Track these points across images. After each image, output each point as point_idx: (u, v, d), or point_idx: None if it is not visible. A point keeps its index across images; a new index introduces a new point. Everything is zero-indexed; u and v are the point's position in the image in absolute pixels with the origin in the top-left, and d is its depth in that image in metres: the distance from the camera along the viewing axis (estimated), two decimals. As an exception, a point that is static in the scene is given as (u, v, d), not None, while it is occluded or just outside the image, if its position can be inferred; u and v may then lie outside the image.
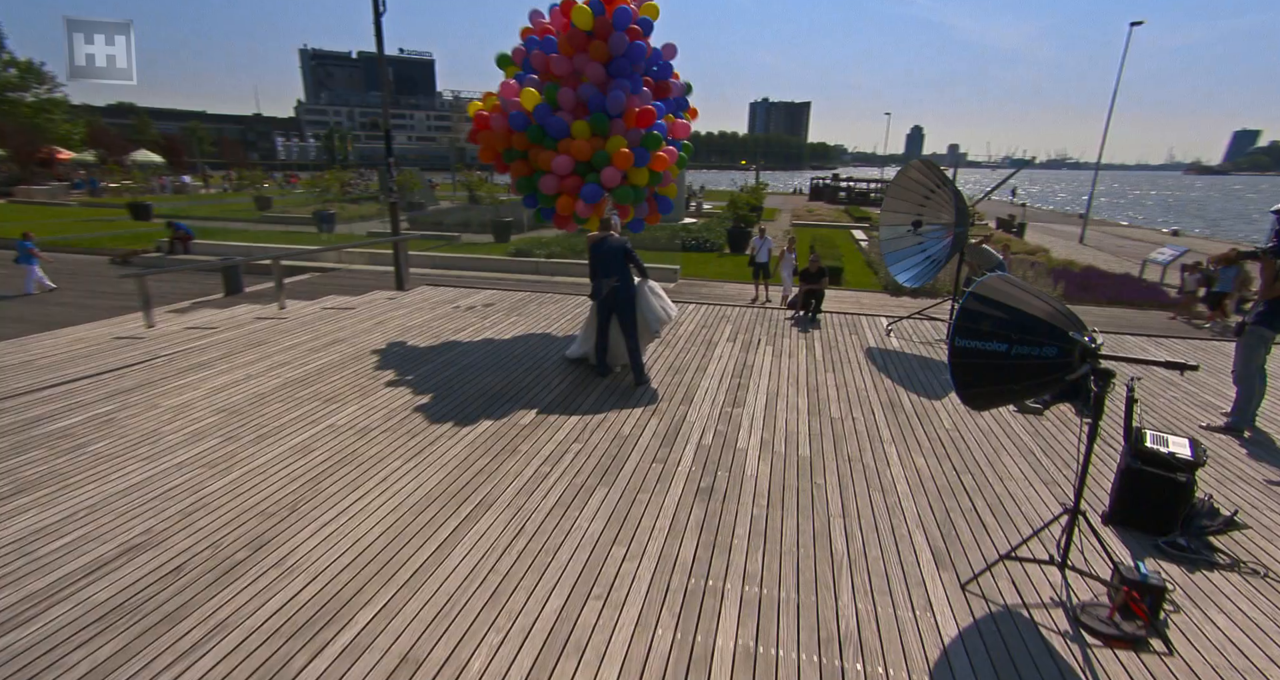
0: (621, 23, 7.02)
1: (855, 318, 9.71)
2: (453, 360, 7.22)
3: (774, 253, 13.61)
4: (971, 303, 3.33)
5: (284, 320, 8.99)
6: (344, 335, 8.14)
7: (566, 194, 7.26)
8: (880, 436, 5.45)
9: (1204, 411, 6.16)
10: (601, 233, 6.50)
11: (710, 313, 9.73)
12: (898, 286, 15.73)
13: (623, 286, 6.35)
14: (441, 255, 17.78)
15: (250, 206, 33.95)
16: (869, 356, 7.77)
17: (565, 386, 6.49)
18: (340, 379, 6.51)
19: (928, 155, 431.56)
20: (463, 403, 5.97)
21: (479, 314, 9.40)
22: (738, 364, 7.31)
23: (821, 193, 52.43)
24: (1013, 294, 3.31)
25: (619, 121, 7.29)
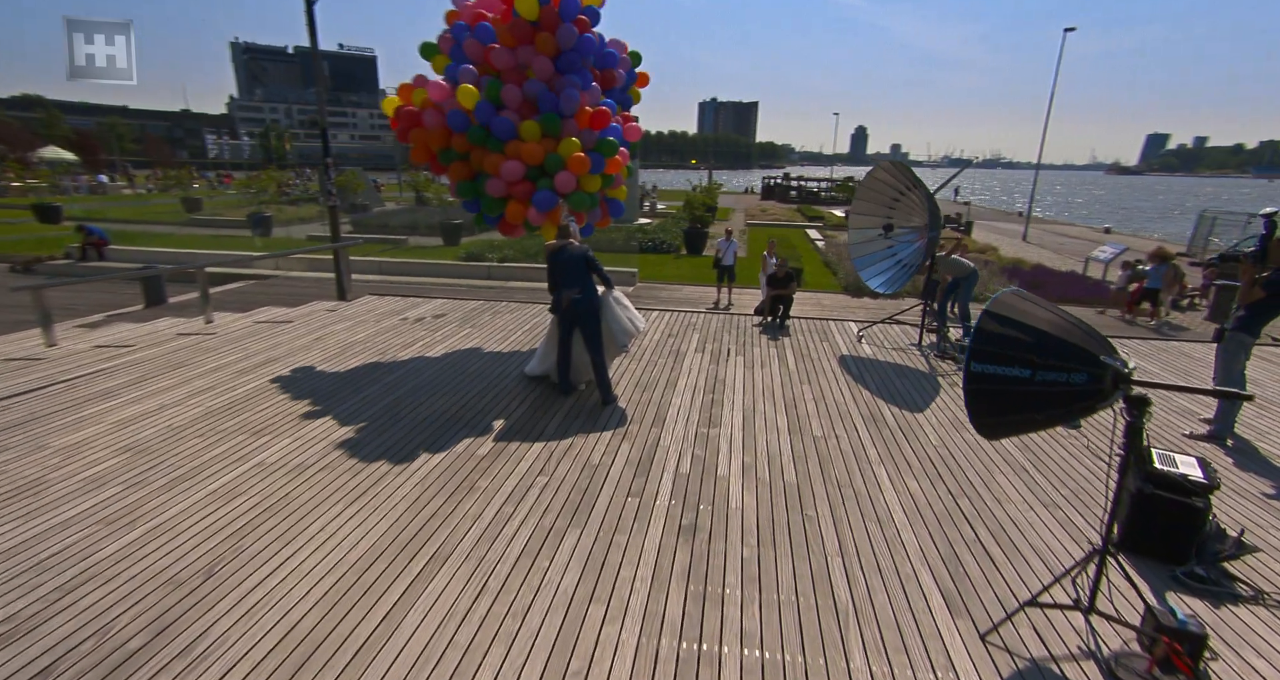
0: (569, 12, 6.54)
1: (824, 324, 9.45)
2: (400, 381, 6.58)
3: (740, 255, 13.32)
4: (988, 323, 2.98)
5: (210, 336, 8.14)
6: (278, 353, 7.38)
7: (516, 200, 6.72)
8: (867, 456, 5.12)
9: (1183, 419, 6.07)
10: (560, 241, 5.99)
11: (675, 320, 9.32)
12: (858, 287, 15.69)
13: (585, 298, 5.86)
14: (388, 260, 16.91)
15: (177, 208, 31.89)
16: (843, 365, 7.48)
17: (526, 409, 5.95)
18: (272, 406, 5.80)
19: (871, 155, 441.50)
20: (412, 431, 5.37)
21: (428, 326, 8.74)
22: (709, 377, 6.91)
23: (773, 192, 52.92)
24: (1033, 313, 2.98)
25: (571, 122, 6.81)
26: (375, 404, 5.93)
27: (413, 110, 6.84)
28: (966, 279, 8.01)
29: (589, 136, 7.01)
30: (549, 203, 6.64)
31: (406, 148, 7.09)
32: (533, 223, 6.77)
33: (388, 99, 7.07)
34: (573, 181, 6.70)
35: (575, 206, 6.80)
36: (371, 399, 6.05)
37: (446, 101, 6.68)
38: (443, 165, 6.97)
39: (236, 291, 13.53)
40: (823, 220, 33.30)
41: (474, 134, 6.59)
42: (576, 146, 6.70)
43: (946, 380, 7.05)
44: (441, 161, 6.93)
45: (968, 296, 8.10)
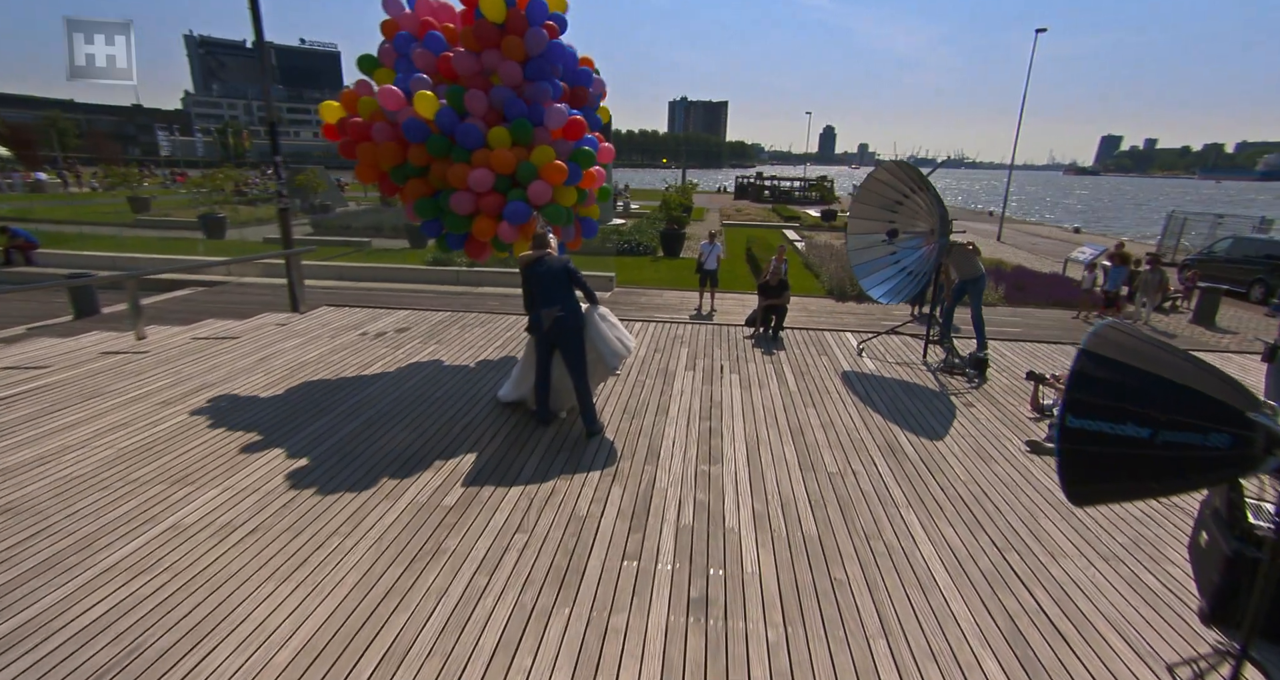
0: (537, 16, 5.96)
1: (819, 334, 8.87)
2: (355, 410, 5.77)
3: (722, 257, 12.70)
4: (1089, 366, 2.35)
5: (141, 356, 7.20)
6: (215, 377, 6.49)
7: (485, 215, 6.00)
8: (892, 498, 4.50)
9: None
10: (536, 251, 5.26)
11: (661, 332, 8.64)
12: (843, 291, 15.22)
13: (568, 316, 5.14)
14: (349, 265, 15.91)
15: (124, 208, 30.12)
16: (847, 383, 6.89)
17: (500, 442, 5.21)
18: (200, 446, 4.96)
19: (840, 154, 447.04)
20: (367, 474, 4.59)
21: (390, 342, 7.91)
22: (704, 400, 6.24)
23: (746, 192, 52.65)
24: (1148, 353, 2.36)
25: (543, 130, 6.16)
26: (324, 441, 5.12)
27: (360, 122, 6.07)
28: (975, 283, 7.48)
29: (563, 146, 6.39)
30: (522, 215, 5.93)
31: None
32: (504, 239, 6.05)
33: (327, 105, 6.28)
34: (548, 192, 6.02)
35: (551, 220, 6.12)
36: (320, 434, 5.23)
37: (400, 111, 5.95)
38: (396, 184, 6.23)
39: (181, 301, 12.46)
40: (799, 220, 32.99)
41: (435, 144, 5.89)
42: (551, 154, 6.05)
43: (960, 400, 6.50)
44: (395, 180, 6.19)
45: (978, 303, 7.58)
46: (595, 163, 6.72)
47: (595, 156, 6.71)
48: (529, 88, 6.19)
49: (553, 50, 6.27)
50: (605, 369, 5.29)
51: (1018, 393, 6.73)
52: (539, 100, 6.17)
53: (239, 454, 4.83)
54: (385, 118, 6.14)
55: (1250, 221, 23.25)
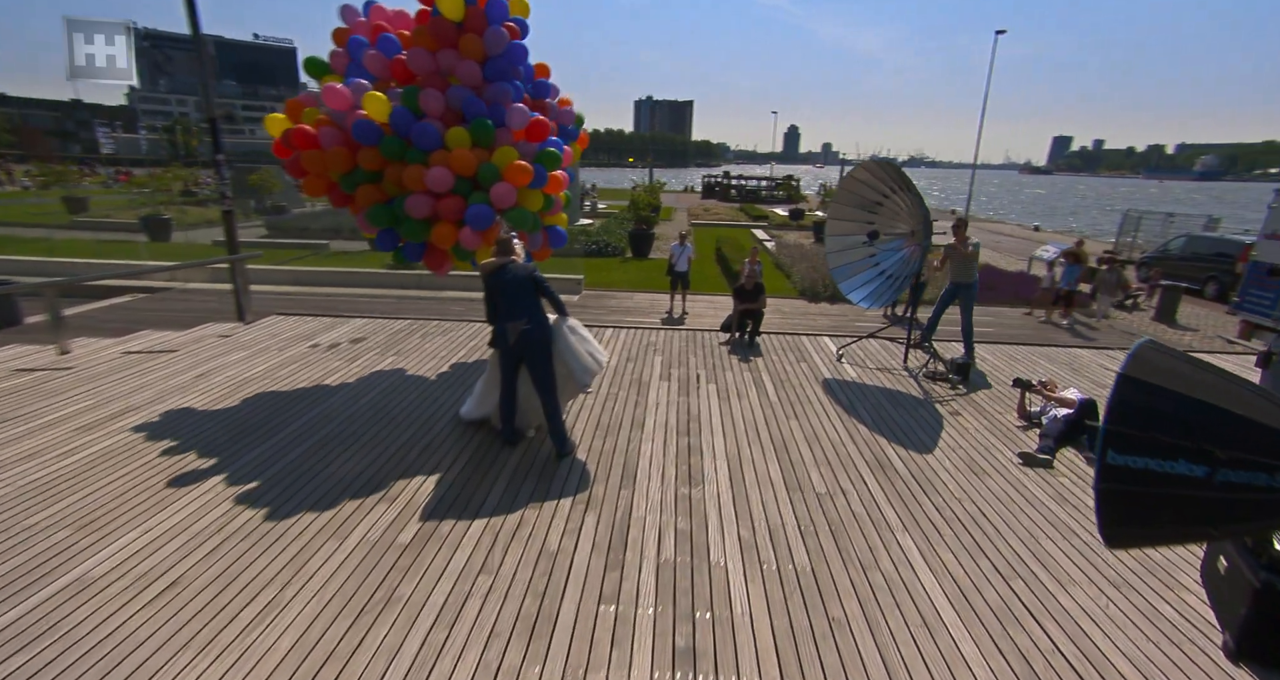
0: (497, 15, 5.60)
1: (796, 339, 8.60)
2: (303, 432, 5.27)
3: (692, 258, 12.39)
4: (1131, 392, 2.07)
5: (62, 373, 6.53)
6: (145, 397, 5.90)
7: (445, 220, 5.57)
8: (886, 521, 4.20)
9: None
10: (500, 258, 4.84)
11: (633, 339, 8.27)
12: (815, 292, 15.07)
13: (535, 329, 4.73)
14: (305, 270, 15.14)
15: (59, 209, 28.46)
16: (828, 392, 6.61)
17: (462, 467, 4.77)
18: (120, 480, 4.40)
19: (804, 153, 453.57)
20: (313, 509, 4.11)
21: (344, 354, 7.37)
22: (681, 413, 5.89)
23: (714, 191, 52.62)
24: (1197, 377, 2.08)
25: (505, 131, 5.78)
26: (266, 469, 4.61)
27: (306, 130, 5.59)
28: (969, 288, 7.29)
29: (527, 148, 6.02)
30: (484, 219, 5.52)
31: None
32: (466, 246, 5.63)
33: (272, 118, 5.81)
34: (512, 195, 5.63)
35: (516, 224, 5.73)
36: (261, 462, 4.72)
37: (348, 112, 5.49)
38: (347, 194, 5.75)
39: (117, 309, 11.60)
40: (767, 220, 32.98)
41: (389, 146, 5.46)
42: (514, 155, 5.67)
43: (945, 408, 6.28)
44: (345, 188, 5.71)
45: (970, 308, 7.39)
46: (561, 165, 6.37)
47: (561, 159, 6.35)
48: (489, 88, 5.82)
49: (514, 51, 5.91)
50: (575, 386, 4.90)
51: (1003, 400, 6.55)
52: (500, 101, 5.80)
53: (164, 489, 4.29)
54: (333, 122, 5.66)
55: (1200, 220, 23.94)
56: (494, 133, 5.74)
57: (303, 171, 5.70)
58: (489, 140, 5.73)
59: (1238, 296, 12.08)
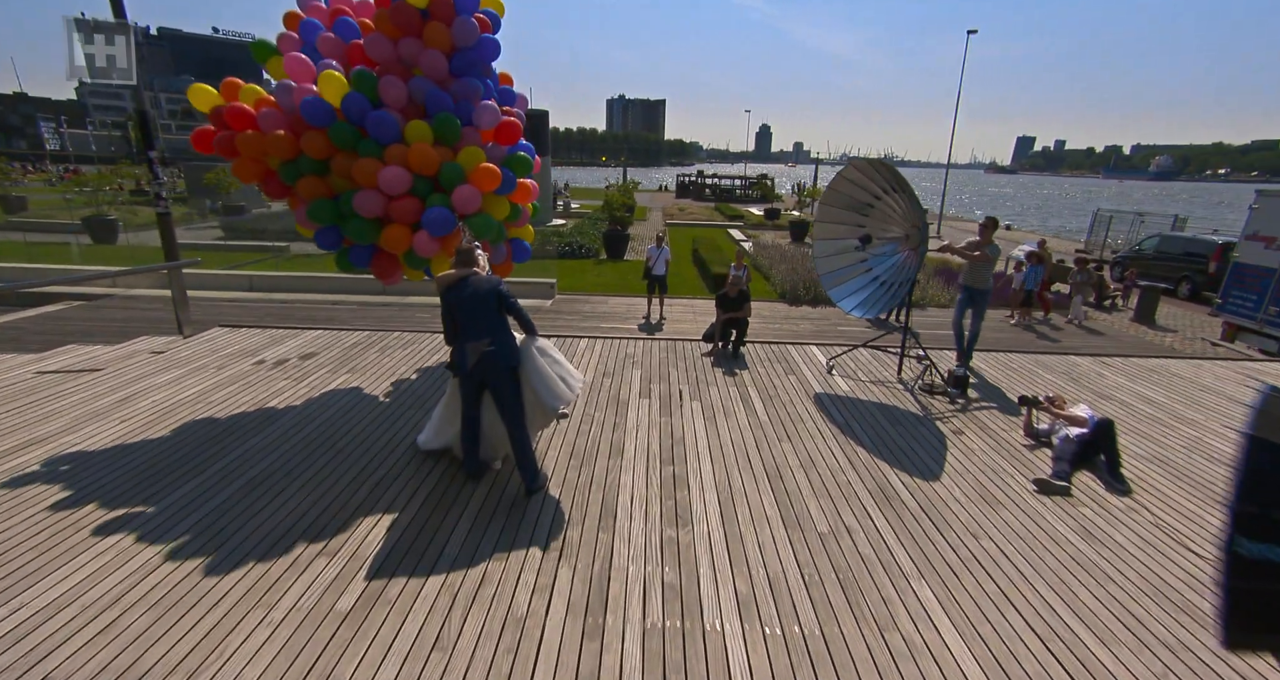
0: (467, 5, 5.05)
1: (781, 349, 8.14)
2: (237, 466, 4.62)
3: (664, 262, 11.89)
4: (1266, 459, 1.60)
5: (-36, 398, 5.77)
6: (53, 427, 5.18)
7: (397, 222, 4.99)
8: (899, 566, 3.74)
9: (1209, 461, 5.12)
10: (461, 270, 4.26)
11: (609, 351, 7.73)
12: (794, 295, 14.70)
13: (499, 351, 4.16)
14: (260, 274, 14.29)
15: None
16: (821, 408, 6.16)
17: (418, 507, 4.19)
18: (6, 532, 3.73)
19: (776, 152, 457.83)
20: (237, 567, 3.49)
21: (292, 372, 6.69)
22: (663, 436, 5.38)
23: (688, 190, 52.33)
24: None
25: (472, 131, 5.23)
26: (187, 516, 3.97)
27: (242, 109, 4.96)
28: (984, 295, 6.87)
29: (495, 151, 5.48)
30: (444, 224, 4.95)
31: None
32: (420, 252, 5.05)
33: (198, 88, 5.14)
34: (476, 199, 5.07)
35: (479, 232, 5.17)
36: (183, 506, 4.08)
37: (294, 92, 4.88)
38: (285, 184, 5.14)
39: (47, 319, 10.71)
40: (743, 219, 32.69)
41: (339, 133, 4.85)
42: (481, 156, 5.13)
43: (946, 425, 5.86)
44: (284, 178, 5.10)
45: (981, 316, 6.98)
46: (531, 171, 5.83)
47: (532, 164, 5.82)
48: (456, 83, 5.26)
49: (485, 45, 5.35)
50: (546, 414, 4.35)
51: (1005, 414, 6.17)
52: (468, 97, 5.24)
53: (53, 548, 3.63)
54: (276, 103, 5.03)
55: (1167, 220, 24.22)
56: (460, 130, 5.19)
57: (233, 152, 5.05)
58: (454, 138, 5.17)
59: (1220, 297, 11.99)
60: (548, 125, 24.50)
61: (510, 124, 5.63)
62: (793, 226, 26.08)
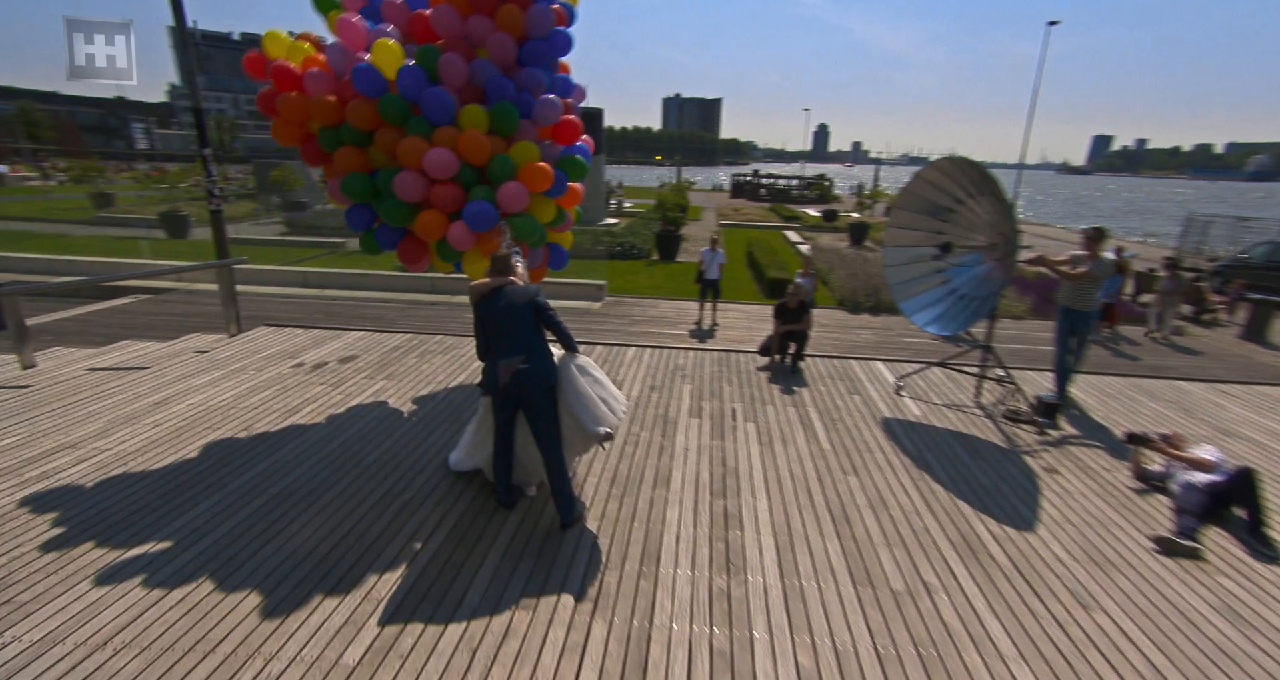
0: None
1: (844, 364, 7.50)
2: (259, 482, 4.37)
3: (718, 266, 11.36)
4: None
5: (11, 395, 5.77)
6: (86, 431, 5.07)
7: (436, 209, 4.64)
8: (994, 643, 3.14)
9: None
10: (496, 279, 3.87)
11: (658, 362, 7.26)
12: (855, 302, 13.91)
13: (534, 369, 3.75)
14: (313, 271, 14.45)
15: (87, 204, 28.47)
16: (890, 435, 5.53)
17: (442, 539, 3.82)
18: (12, 552, 3.54)
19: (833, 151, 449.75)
20: (238, 607, 3.19)
21: (329, 376, 6.49)
22: (714, 464, 4.88)
23: (743, 190, 51.36)
24: None
25: (529, 125, 4.84)
26: (198, 540, 3.71)
27: (288, 68, 4.67)
28: (1086, 318, 6.03)
29: (550, 150, 5.08)
30: (485, 220, 4.58)
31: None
32: (455, 244, 4.68)
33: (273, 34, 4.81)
34: (523, 198, 4.68)
35: (521, 234, 4.77)
36: (196, 528, 3.83)
37: (348, 57, 4.54)
38: (324, 151, 4.83)
39: (116, 312, 10.99)
40: (799, 220, 31.70)
41: (390, 105, 4.48)
42: (534, 153, 4.74)
43: (1036, 461, 5.16)
44: (323, 145, 4.79)
45: (1085, 343, 6.16)
46: (585, 175, 5.41)
47: (586, 167, 5.38)
48: (521, 73, 4.87)
49: (557, 38, 4.97)
50: (585, 439, 3.91)
51: (1108, 452, 5.41)
52: (531, 89, 4.85)
53: (58, 571, 3.41)
54: (326, 64, 4.69)
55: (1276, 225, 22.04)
56: (518, 122, 4.80)
57: (272, 110, 4.75)
58: (510, 129, 4.77)
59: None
60: (602, 123, 24.21)
61: (570, 123, 5.22)
62: (852, 229, 25.03)
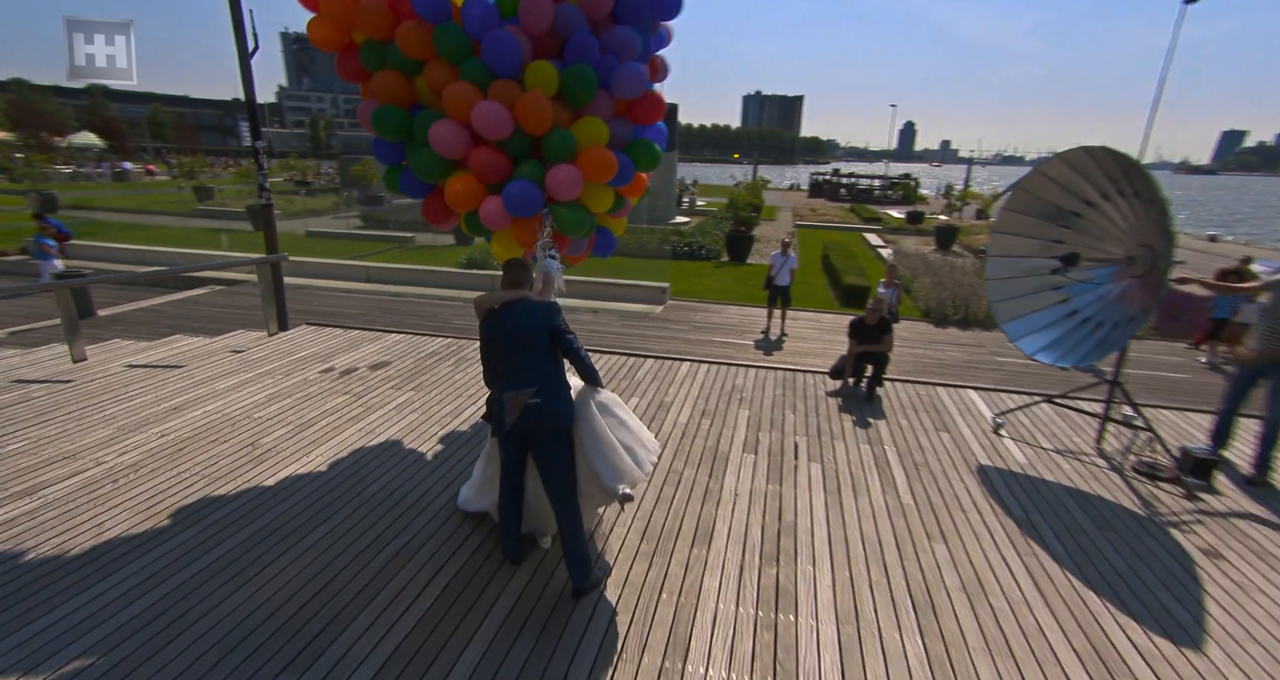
0: None
1: (929, 391, 6.45)
2: (246, 512, 3.91)
3: (789, 272, 10.42)
4: None
5: (51, 390, 5.67)
6: (92, 440, 4.77)
7: (473, 175, 3.97)
8: None
9: None
10: (508, 292, 3.22)
11: (712, 380, 6.47)
12: (942, 314, 12.57)
13: (547, 406, 3.07)
14: (377, 267, 14.44)
15: (190, 197, 30.33)
16: (988, 488, 4.54)
17: (432, 600, 3.20)
18: (-28, 583, 3.19)
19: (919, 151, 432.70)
20: (173, 676, 2.68)
21: (356, 385, 6.08)
22: (768, 516, 4.06)
23: (822, 189, 49.36)
24: None
25: (605, 97, 4.05)
26: (151, 588, 3.24)
27: None
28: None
29: (622, 128, 4.28)
30: (527, 203, 3.89)
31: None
32: (486, 221, 4.03)
33: None
34: (576, 187, 3.94)
35: (564, 226, 4.08)
36: (154, 572, 3.37)
37: None
38: (363, 67, 4.20)
39: (186, 303, 11.15)
40: (881, 222, 29.87)
41: (447, 36, 3.73)
42: (603, 133, 3.98)
43: (1189, 537, 4.05)
44: (364, 61, 4.17)
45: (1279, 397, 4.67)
46: (656, 164, 4.53)
47: (659, 156, 4.51)
48: (612, 31, 3.99)
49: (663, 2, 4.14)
50: (603, 495, 3.21)
51: (1275, 524, 4.23)
52: (617, 52, 3.99)
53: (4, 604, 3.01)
54: None
55: None
56: (594, 92, 3.94)
57: (313, 3, 4.15)
58: (583, 99, 3.94)
59: None
60: (676, 118, 23.44)
61: (652, 99, 4.26)
62: (938, 232, 23.19)
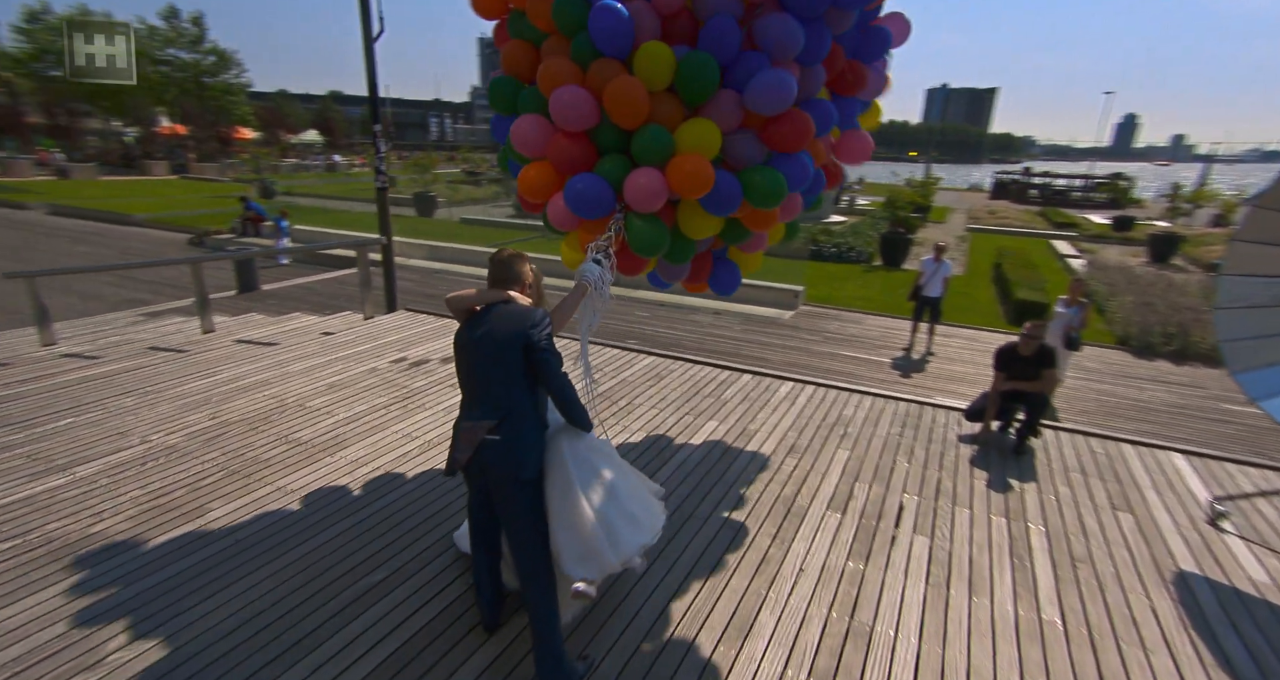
0: None
1: (1110, 447, 4.80)
2: (232, 519, 3.58)
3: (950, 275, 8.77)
4: None
5: (169, 359, 6.03)
6: (150, 417, 4.73)
7: (549, 164, 3.26)
8: None
9: None
10: (490, 292, 2.51)
11: (814, 405, 5.35)
12: (1147, 342, 10.06)
13: (504, 446, 2.33)
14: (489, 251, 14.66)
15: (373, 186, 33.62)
16: (1188, 606, 3.06)
17: (373, 667, 2.60)
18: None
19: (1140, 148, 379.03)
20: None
21: (419, 378, 5.76)
22: (839, 612, 2.99)
23: (1007, 190, 43.71)
24: None
25: (734, 101, 3.07)
26: (106, 598, 2.97)
27: None
28: None
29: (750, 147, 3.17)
30: (587, 204, 3.13)
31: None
32: (552, 219, 3.39)
33: None
34: (658, 198, 3.05)
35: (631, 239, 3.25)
36: (121, 576, 3.11)
37: None
38: (508, 35, 3.68)
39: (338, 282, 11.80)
40: (1077, 228, 25.47)
41: (564, 7, 3.08)
42: (711, 141, 3.04)
43: None
44: (509, 28, 3.62)
45: None
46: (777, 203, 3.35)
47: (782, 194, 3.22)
48: (766, 19, 3.00)
49: None
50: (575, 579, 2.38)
51: None
52: (772, 44, 3.00)
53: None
54: None
55: None
56: (710, 85, 3.01)
57: None
58: (700, 95, 3.05)
59: None
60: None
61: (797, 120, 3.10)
62: (1152, 241, 19.11)
